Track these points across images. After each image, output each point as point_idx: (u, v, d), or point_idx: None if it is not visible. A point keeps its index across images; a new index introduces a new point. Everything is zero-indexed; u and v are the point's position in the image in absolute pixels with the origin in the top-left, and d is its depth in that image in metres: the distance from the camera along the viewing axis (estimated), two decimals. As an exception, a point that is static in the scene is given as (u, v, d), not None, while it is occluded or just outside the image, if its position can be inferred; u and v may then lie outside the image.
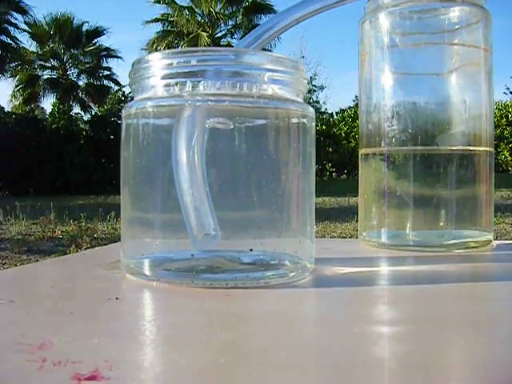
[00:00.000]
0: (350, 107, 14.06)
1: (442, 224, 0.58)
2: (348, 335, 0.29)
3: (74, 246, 3.84)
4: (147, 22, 14.42)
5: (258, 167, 0.42)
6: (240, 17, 14.26)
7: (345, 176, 13.09)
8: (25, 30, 13.52)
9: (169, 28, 14.46)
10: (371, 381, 0.23)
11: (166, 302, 0.37)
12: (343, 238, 3.76)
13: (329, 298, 0.39)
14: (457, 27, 0.59)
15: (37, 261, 2.96)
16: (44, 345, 0.26)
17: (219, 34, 14.66)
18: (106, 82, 14.63)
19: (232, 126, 0.40)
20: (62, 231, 4.58)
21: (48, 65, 14.21)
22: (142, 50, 14.64)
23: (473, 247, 0.57)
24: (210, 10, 13.67)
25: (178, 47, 12.35)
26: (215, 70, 0.41)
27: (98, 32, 14.41)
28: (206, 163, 0.40)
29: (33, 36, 13.74)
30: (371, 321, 0.33)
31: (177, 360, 0.25)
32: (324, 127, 12.64)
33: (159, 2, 14.39)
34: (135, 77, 0.44)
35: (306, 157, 0.43)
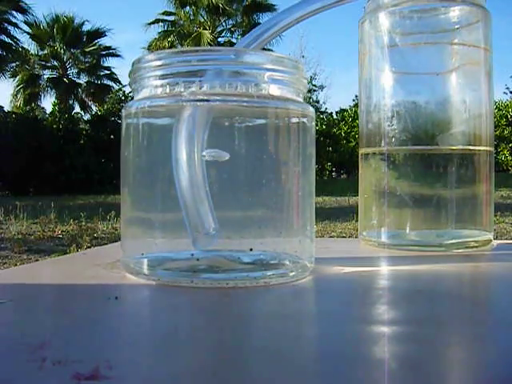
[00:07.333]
0: (350, 107, 14.03)
1: (441, 224, 0.58)
2: (348, 335, 0.29)
3: (74, 245, 3.83)
4: (148, 23, 14.38)
5: (258, 167, 0.42)
6: (240, 15, 14.24)
7: (345, 176, 13.08)
8: (25, 31, 13.52)
9: (170, 28, 14.42)
10: (371, 381, 0.23)
11: (166, 301, 0.37)
12: (343, 237, 3.76)
13: (329, 297, 0.39)
14: (457, 27, 0.59)
15: (37, 260, 2.96)
16: (44, 345, 0.26)
17: (220, 33, 14.64)
18: (106, 81, 14.63)
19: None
20: (62, 231, 4.57)
21: (48, 64, 14.20)
22: (142, 48, 14.64)
23: (473, 247, 0.57)
24: (213, 3, 13.55)
25: (180, 47, 12.33)
26: (215, 69, 0.41)
27: (99, 33, 14.38)
28: (206, 163, 0.40)
29: (33, 36, 13.72)
30: (371, 321, 0.33)
31: (177, 360, 0.25)
32: (324, 127, 12.63)
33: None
34: (135, 76, 0.44)
35: (306, 156, 0.43)
